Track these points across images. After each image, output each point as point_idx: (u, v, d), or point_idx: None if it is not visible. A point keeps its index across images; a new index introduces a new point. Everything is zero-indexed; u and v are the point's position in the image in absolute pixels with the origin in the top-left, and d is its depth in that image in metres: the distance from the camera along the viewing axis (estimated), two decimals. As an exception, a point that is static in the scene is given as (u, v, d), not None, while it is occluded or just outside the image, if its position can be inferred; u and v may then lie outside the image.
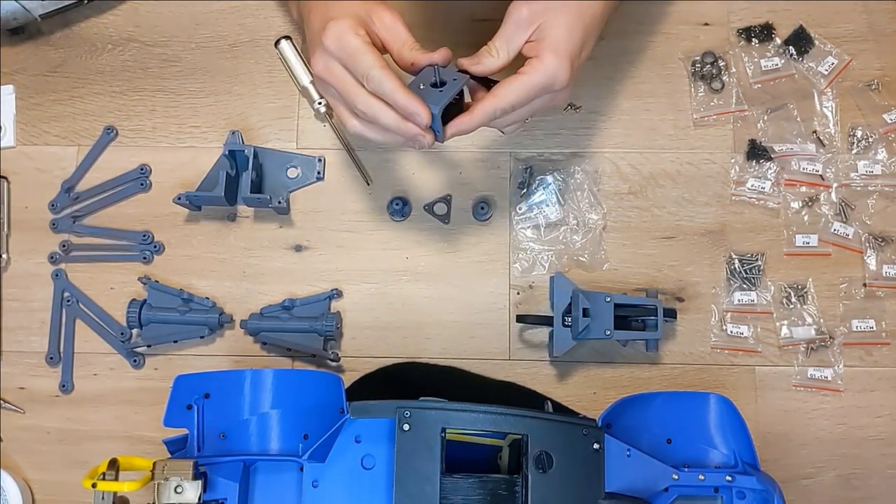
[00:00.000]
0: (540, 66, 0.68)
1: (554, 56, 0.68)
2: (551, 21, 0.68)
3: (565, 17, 0.69)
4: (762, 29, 0.86)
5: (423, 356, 0.82)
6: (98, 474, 0.63)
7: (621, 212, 0.84)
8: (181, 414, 0.68)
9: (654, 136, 0.85)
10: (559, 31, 0.68)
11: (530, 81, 0.68)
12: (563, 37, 0.68)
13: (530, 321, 0.80)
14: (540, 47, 0.68)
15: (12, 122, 0.87)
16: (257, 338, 0.81)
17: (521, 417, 0.64)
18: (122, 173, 0.85)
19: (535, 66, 0.68)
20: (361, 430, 0.65)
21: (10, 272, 0.84)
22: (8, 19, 0.85)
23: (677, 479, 0.66)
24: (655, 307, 0.77)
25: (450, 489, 0.63)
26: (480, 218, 0.84)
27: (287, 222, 0.84)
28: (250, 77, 0.87)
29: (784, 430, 0.80)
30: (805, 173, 0.83)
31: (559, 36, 0.68)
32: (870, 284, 0.82)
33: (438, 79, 0.67)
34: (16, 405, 0.82)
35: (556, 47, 0.68)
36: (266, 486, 0.66)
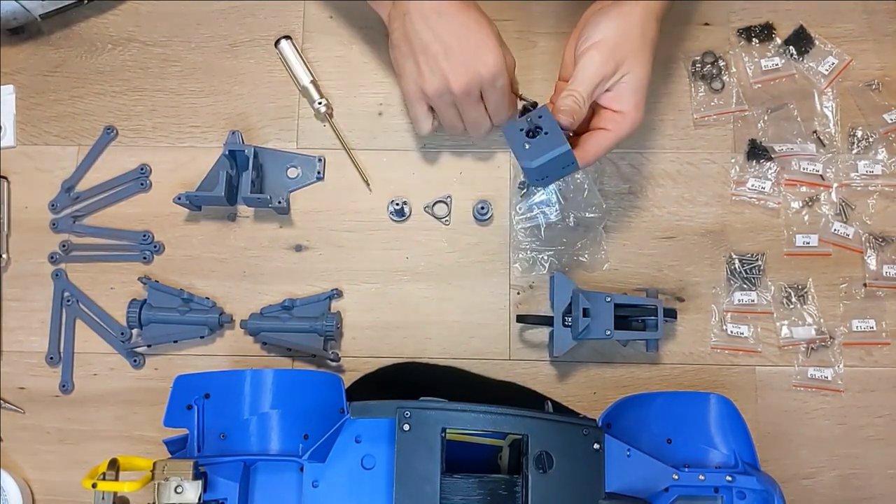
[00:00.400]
0: (626, 122, 0.70)
1: (638, 111, 0.70)
2: (635, 73, 0.69)
3: (645, 67, 0.70)
4: (762, 29, 0.86)
5: (423, 356, 0.82)
6: (98, 474, 0.63)
7: (621, 212, 0.84)
8: (181, 414, 0.69)
9: (654, 136, 0.85)
10: (641, 83, 0.70)
11: (618, 138, 0.70)
12: (643, 89, 0.70)
13: (530, 321, 0.80)
14: (624, 102, 0.69)
15: (12, 122, 0.87)
16: (257, 338, 0.81)
17: (521, 417, 0.65)
18: (122, 173, 0.86)
19: (622, 122, 0.70)
20: (361, 430, 0.65)
21: (10, 272, 0.84)
22: (8, 19, 0.85)
23: (677, 479, 0.66)
24: (655, 307, 0.77)
25: (450, 489, 0.63)
26: (480, 218, 0.84)
27: (287, 222, 0.84)
28: (250, 77, 0.87)
29: (784, 430, 0.80)
30: (805, 173, 0.83)
31: (641, 89, 0.70)
32: (870, 284, 0.82)
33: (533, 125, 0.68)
34: (16, 405, 0.82)
35: (638, 101, 0.70)
36: (266, 486, 0.66)
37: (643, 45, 0.70)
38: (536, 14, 0.88)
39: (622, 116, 0.70)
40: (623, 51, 0.69)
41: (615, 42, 0.69)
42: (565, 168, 0.69)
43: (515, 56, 0.76)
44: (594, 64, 0.68)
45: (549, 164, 0.68)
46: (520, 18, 0.87)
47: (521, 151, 0.68)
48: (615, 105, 0.70)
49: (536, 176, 0.70)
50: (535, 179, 0.71)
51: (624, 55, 0.69)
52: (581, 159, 0.69)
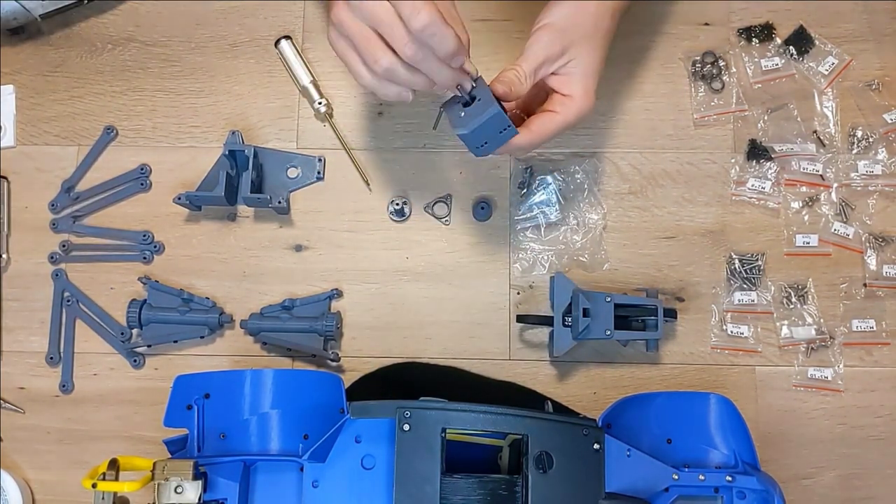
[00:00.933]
0: (574, 106, 0.69)
1: (587, 96, 0.70)
2: (583, 58, 0.69)
3: (595, 53, 0.70)
4: (762, 29, 0.86)
5: (423, 356, 0.82)
6: (98, 474, 0.63)
7: (621, 212, 0.84)
8: (181, 414, 0.69)
9: (654, 136, 0.85)
10: (590, 68, 0.70)
11: (564, 121, 0.69)
12: (593, 74, 0.70)
13: (530, 321, 0.80)
14: (573, 86, 0.69)
15: (12, 122, 0.87)
16: (257, 338, 0.81)
17: (521, 417, 0.65)
18: (122, 173, 0.85)
19: (570, 106, 0.69)
20: (361, 430, 0.65)
21: (10, 272, 0.84)
22: (8, 19, 0.85)
23: (677, 479, 0.66)
24: (655, 307, 0.77)
25: (450, 489, 0.63)
26: (480, 218, 0.84)
27: (287, 222, 0.84)
28: (250, 77, 0.87)
29: (784, 430, 0.80)
30: (805, 173, 0.83)
31: (590, 74, 0.70)
32: (870, 284, 0.82)
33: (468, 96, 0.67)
34: (16, 405, 0.82)
35: (588, 87, 0.70)
36: (266, 486, 0.66)
37: (594, 34, 0.70)
38: (536, 14, 0.87)
39: (570, 100, 0.69)
40: (572, 35, 0.69)
41: (564, 25, 0.69)
42: (503, 133, 0.68)
43: (515, 56, 0.76)
44: (540, 43, 0.69)
45: (483, 128, 0.67)
46: (520, 18, 0.87)
47: (457, 120, 0.67)
48: (564, 89, 0.70)
49: (475, 143, 0.68)
50: (475, 148, 0.69)
51: (572, 39, 0.69)
52: (525, 138, 0.69)
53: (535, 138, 0.70)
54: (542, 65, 0.69)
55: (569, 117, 0.70)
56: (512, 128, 0.67)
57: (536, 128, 0.70)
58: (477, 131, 0.67)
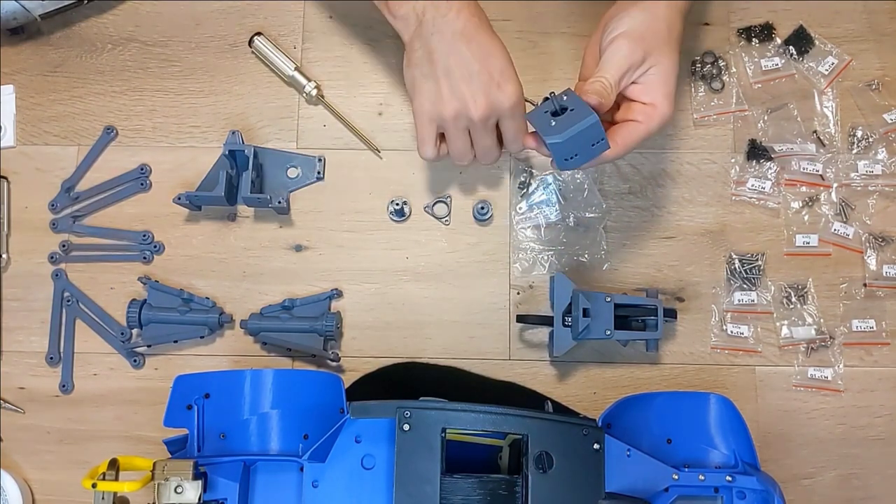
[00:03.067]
0: (656, 114, 0.69)
1: (669, 103, 0.69)
2: (662, 64, 0.69)
3: (673, 59, 0.69)
4: (762, 29, 0.86)
5: (423, 356, 0.82)
6: (98, 474, 0.63)
7: (621, 212, 0.84)
8: (181, 414, 0.69)
9: (654, 135, 0.85)
10: (669, 75, 0.69)
11: (648, 130, 0.69)
12: (672, 80, 0.69)
13: (530, 321, 0.80)
14: (654, 93, 0.69)
15: (12, 122, 0.87)
16: (257, 338, 0.81)
17: (521, 417, 0.65)
18: (122, 173, 0.85)
19: (652, 114, 0.69)
20: (361, 430, 0.65)
21: (10, 272, 0.84)
22: (8, 19, 0.85)
23: (677, 479, 0.66)
24: (655, 307, 0.77)
25: (450, 489, 0.63)
26: (480, 218, 0.84)
27: (287, 222, 0.84)
28: (250, 77, 0.87)
29: (784, 430, 0.80)
30: (805, 173, 0.83)
31: (670, 80, 0.69)
32: (870, 284, 0.82)
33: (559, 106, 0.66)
34: (16, 405, 0.82)
35: (668, 93, 0.69)
36: (266, 486, 0.66)
37: (669, 39, 0.69)
38: (536, 14, 0.88)
39: (652, 108, 0.69)
40: (650, 42, 0.68)
41: (642, 33, 0.68)
42: (595, 146, 0.66)
43: (515, 56, 0.76)
44: (622, 52, 0.68)
45: (577, 139, 0.65)
46: (520, 18, 0.87)
47: (548, 129, 0.66)
48: (644, 97, 0.69)
49: (565, 154, 0.67)
50: (563, 160, 0.67)
51: (651, 46, 0.68)
52: (613, 151, 0.68)
53: (621, 151, 0.69)
54: (626, 74, 0.68)
55: (652, 126, 0.69)
56: (605, 141, 0.66)
57: (622, 140, 0.69)
58: (571, 141, 0.66)
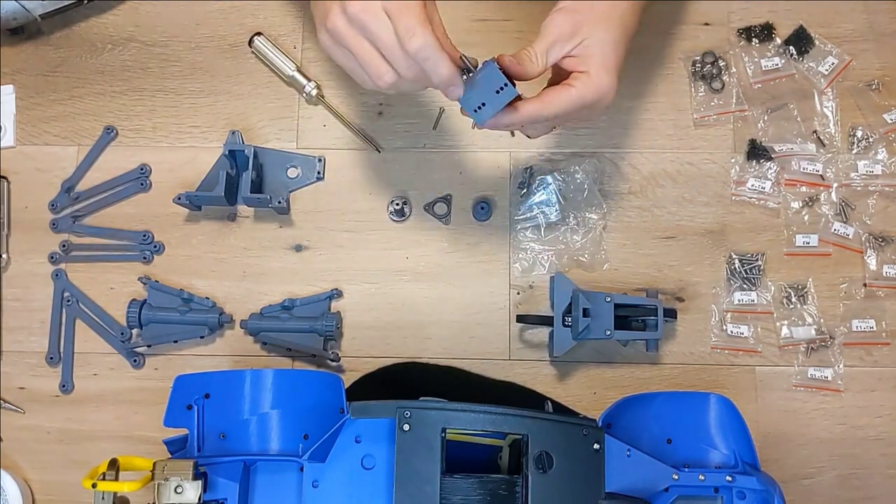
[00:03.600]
0: (590, 82, 0.67)
1: (606, 73, 0.68)
2: (597, 37, 0.68)
3: (610, 33, 0.69)
4: (762, 29, 0.86)
5: (423, 356, 0.82)
6: (98, 474, 0.63)
7: (621, 212, 0.84)
8: (181, 414, 0.68)
9: (654, 136, 0.85)
10: (606, 47, 0.68)
11: (580, 95, 0.67)
12: (610, 53, 0.68)
13: (530, 321, 0.80)
14: (589, 63, 0.68)
15: (12, 122, 0.87)
16: (257, 338, 0.81)
17: (521, 417, 0.64)
18: (122, 173, 0.86)
19: (586, 81, 0.67)
20: (361, 430, 0.65)
21: (10, 272, 0.84)
22: (8, 19, 0.85)
23: (677, 479, 0.66)
24: (655, 307, 0.77)
25: (450, 489, 0.63)
26: (480, 218, 0.84)
27: (287, 222, 0.84)
28: (250, 77, 0.87)
29: (784, 430, 0.80)
30: (805, 173, 0.83)
31: (607, 52, 0.68)
32: (870, 284, 0.82)
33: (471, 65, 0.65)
34: (16, 405, 0.82)
35: (606, 63, 0.68)
36: (266, 487, 0.66)
37: (610, 13, 0.69)
38: (536, 14, 0.87)
39: (586, 76, 0.67)
40: (584, 15, 0.68)
41: (576, 7, 0.68)
42: (500, 92, 0.64)
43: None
44: (553, 24, 0.67)
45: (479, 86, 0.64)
46: (520, 18, 0.87)
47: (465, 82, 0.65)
48: (579, 67, 0.68)
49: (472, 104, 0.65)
50: (473, 112, 0.66)
51: (584, 19, 0.68)
52: (533, 105, 0.66)
53: (544, 108, 0.67)
54: (554, 44, 0.67)
55: (585, 93, 0.67)
56: (510, 86, 0.64)
57: (547, 97, 0.67)
58: (472, 90, 0.64)
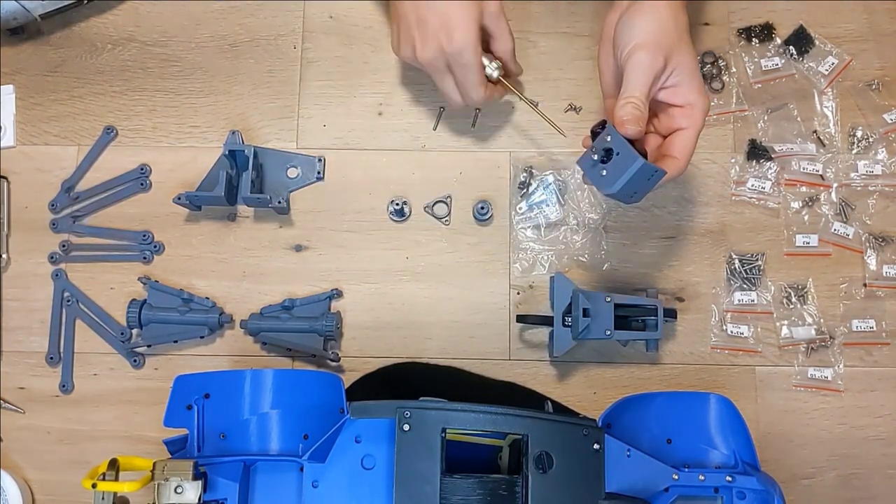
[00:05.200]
0: (698, 111, 0.69)
1: (703, 96, 0.69)
2: (683, 62, 0.69)
3: (689, 52, 0.70)
4: (762, 29, 0.86)
5: (423, 356, 0.82)
6: (98, 474, 0.63)
7: (621, 212, 0.84)
8: (181, 414, 0.69)
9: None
10: (692, 67, 0.69)
11: (697, 130, 0.70)
12: (697, 73, 0.70)
13: (530, 321, 0.80)
14: (686, 93, 0.69)
15: (12, 122, 0.87)
16: (257, 338, 0.81)
17: (521, 417, 0.64)
18: (122, 173, 0.85)
19: (694, 114, 0.69)
20: (361, 431, 0.65)
21: (10, 272, 0.84)
22: (8, 19, 0.85)
23: (677, 479, 0.66)
24: (655, 307, 0.77)
25: (450, 489, 0.63)
26: (480, 218, 0.83)
27: (287, 222, 0.84)
28: (250, 77, 0.87)
29: (784, 430, 0.80)
30: (805, 173, 0.83)
31: (696, 75, 0.70)
32: (870, 284, 0.82)
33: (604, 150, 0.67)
34: (16, 405, 0.82)
35: (699, 87, 0.69)
36: (266, 487, 0.66)
37: (681, 34, 0.69)
38: (536, 14, 0.88)
39: (691, 108, 0.69)
40: (666, 45, 0.68)
41: (657, 38, 0.68)
42: (650, 179, 0.67)
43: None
44: (643, 64, 0.67)
45: (630, 183, 0.66)
46: (520, 18, 0.87)
47: (600, 181, 0.67)
48: (678, 100, 0.69)
49: (625, 196, 0.68)
50: (626, 198, 0.69)
51: (668, 49, 0.68)
52: (676, 167, 0.69)
53: (683, 164, 0.70)
54: (653, 85, 0.68)
55: (699, 124, 0.69)
56: (660, 171, 0.66)
57: (679, 152, 0.69)
58: (626, 186, 0.66)
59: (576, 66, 0.86)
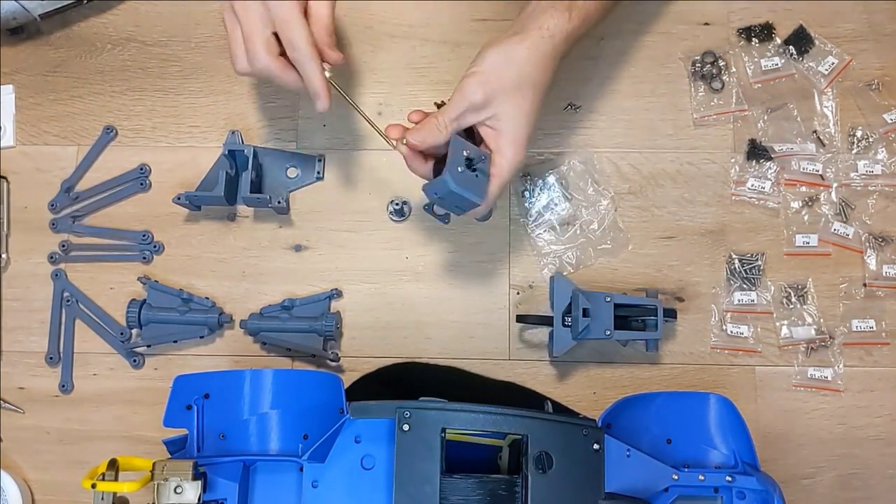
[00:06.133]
0: (505, 164, 0.69)
1: (516, 152, 0.69)
2: (507, 112, 0.68)
3: (521, 106, 0.69)
4: (762, 29, 0.86)
5: (423, 356, 0.82)
6: (98, 474, 0.63)
7: (621, 212, 0.84)
8: (181, 414, 0.68)
9: (654, 136, 0.85)
10: (516, 122, 0.69)
11: (501, 181, 0.69)
12: (521, 126, 0.69)
13: (530, 321, 0.80)
14: (500, 141, 0.69)
15: (12, 122, 0.87)
16: (257, 338, 0.81)
17: (521, 417, 0.64)
18: (122, 173, 0.85)
19: (502, 164, 0.69)
20: (361, 431, 0.65)
21: (10, 272, 0.84)
22: (8, 19, 0.85)
23: (677, 479, 0.66)
24: (655, 307, 0.77)
25: (450, 489, 0.63)
26: (480, 218, 0.83)
27: (287, 222, 0.84)
28: (250, 77, 0.87)
29: (784, 430, 0.80)
30: (805, 173, 0.83)
31: (518, 127, 0.69)
32: (870, 284, 0.82)
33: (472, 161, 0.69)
34: (16, 405, 0.82)
35: (516, 141, 0.69)
36: (266, 487, 0.66)
37: (518, 85, 0.68)
38: (536, 14, 0.87)
39: (501, 157, 0.69)
40: (494, 86, 0.68)
41: (489, 76, 0.68)
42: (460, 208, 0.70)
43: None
44: (463, 92, 0.68)
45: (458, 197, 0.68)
46: (520, 18, 0.87)
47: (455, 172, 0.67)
48: (492, 144, 0.69)
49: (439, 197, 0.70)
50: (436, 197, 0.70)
51: (496, 90, 0.68)
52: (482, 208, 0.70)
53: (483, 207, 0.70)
54: (464, 113, 0.68)
55: (503, 175, 0.69)
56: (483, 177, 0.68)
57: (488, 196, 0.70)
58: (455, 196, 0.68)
59: (575, 65, 0.86)
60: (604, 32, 0.86)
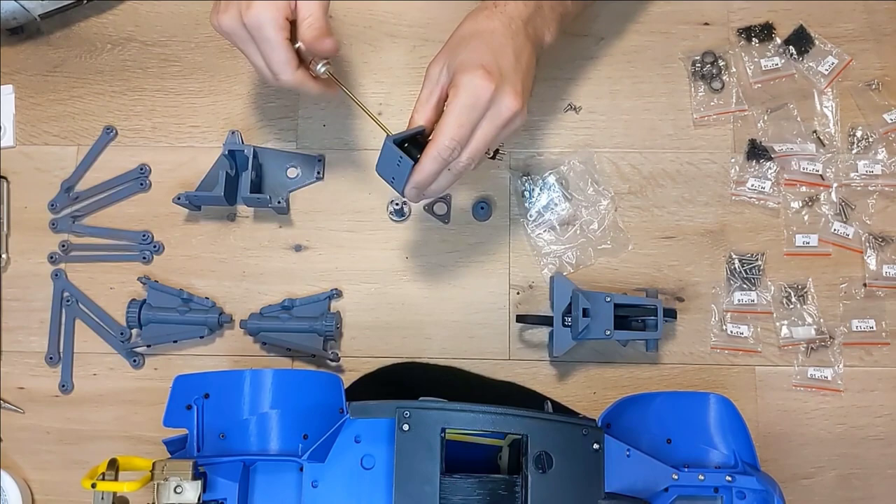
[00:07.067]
0: (455, 89, 0.66)
1: (464, 74, 0.66)
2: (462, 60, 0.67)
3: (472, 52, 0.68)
4: (762, 29, 0.86)
5: (423, 356, 0.82)
6: (98, 474, 0.63)
7: (621, 212, 0.84)
8: (181, 414, 0.68)
9: (654, 136, 0.85)
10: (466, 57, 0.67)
11: (455, 105, 0.66)
12: (469, 60, 0.67)
13: (530, 321, 0.80)
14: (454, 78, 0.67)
15: (12, 122, 0.87)
16: (257, 338, 0.81)
17: (520, 417, 0.64)
18: (122, 173, 0.85)
19: (453, 91, 0.66)
20: (361, 430, 0.65)
21: (10, 272, 0.84)
22: (8, 19, 0.85)
23: (677, 479, 0.66)
24: (655, 307, 0.77)
25: (449, 489, 0.63)
26: (480, 218, 0.83)
27: (287, 222, 0.84)
28: (250, 77, 0.87)
29: (784, 430, 0.80)
30: (805, 173, 0.83)
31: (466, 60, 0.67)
32: (870, 284, 0.82)
33: None
34: (16, 405, 0.82)
35: (464, 68, 0.67)
36: (266, 486, 0.66)
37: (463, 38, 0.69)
38: (536, 14, 0.87)
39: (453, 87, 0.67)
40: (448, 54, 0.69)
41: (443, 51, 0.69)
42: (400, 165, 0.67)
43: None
44: (427, 74, 0.69)
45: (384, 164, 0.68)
46: (519, 18, 0.87)
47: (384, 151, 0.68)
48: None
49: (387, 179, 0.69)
50: (391, 184, 0.70)
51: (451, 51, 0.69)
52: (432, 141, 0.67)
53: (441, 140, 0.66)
54: (431, 91, 0.69)
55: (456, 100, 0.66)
56: (406, 158, 0.66)
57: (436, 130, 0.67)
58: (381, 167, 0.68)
59: (575, 65, 0.86)
60: (604, 32, 0.86)
